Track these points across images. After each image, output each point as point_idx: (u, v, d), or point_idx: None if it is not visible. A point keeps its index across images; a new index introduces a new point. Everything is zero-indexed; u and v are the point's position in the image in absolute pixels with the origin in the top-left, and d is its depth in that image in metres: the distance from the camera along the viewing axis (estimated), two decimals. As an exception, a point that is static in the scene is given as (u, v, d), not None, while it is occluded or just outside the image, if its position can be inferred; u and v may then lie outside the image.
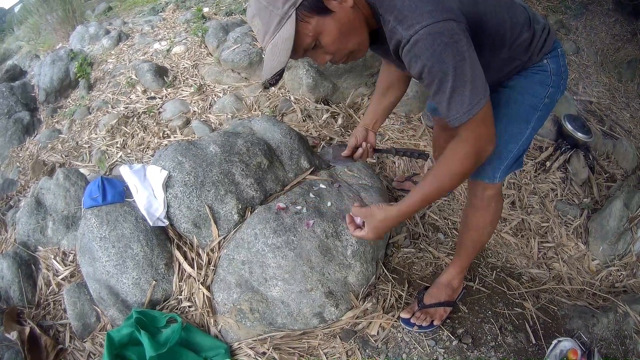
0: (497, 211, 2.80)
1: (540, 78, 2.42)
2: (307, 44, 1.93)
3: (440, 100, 1.94)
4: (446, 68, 1.82)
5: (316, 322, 2.98)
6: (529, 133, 2.49)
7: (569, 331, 3.06)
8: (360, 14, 1.97)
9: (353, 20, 1.94)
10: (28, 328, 3.00)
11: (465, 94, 1.88)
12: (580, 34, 7.57)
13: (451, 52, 1.80)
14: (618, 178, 4.69)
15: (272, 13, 1.83)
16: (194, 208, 3.20)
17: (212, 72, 5.54)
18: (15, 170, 5.21)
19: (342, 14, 1.89)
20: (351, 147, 2.82)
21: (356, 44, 2.03)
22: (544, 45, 2.34)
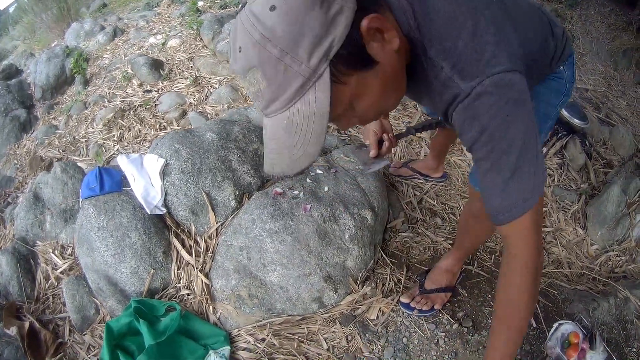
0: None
1: (556, 85, 2.12)
2: (336, 115, 1.36)
3: (493, 182, 1.49)
4: (512, 136, 1.40)
5: (315, 307, 2.98)
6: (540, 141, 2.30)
7: (569, 315, 3.06)
8: (402, 57, 1.43)
9: (398, 69, 1.43)
10: (27, 323, 3.00)
11: (530, 177, 1.44)
12: (575, 22, 7.59)
13: (521, 114, 1.40)
14: (615, 164, 4.69)
15: (289, 68, 1.18)
16: (191, 195, 3.20)
17: (207, 63, 5.57)
18: (13, 167, 5.23)
19: (386, 63, 1.34)
20: (374, 144, 2.34)
21: (396, 100, 1.56)
22: (563, 53, 2.02)
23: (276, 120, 1.29)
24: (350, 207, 3.19)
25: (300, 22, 1.15)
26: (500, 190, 1.46)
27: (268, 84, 1.21)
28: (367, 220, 3.20)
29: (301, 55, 1.16)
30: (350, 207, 3.19)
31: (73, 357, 2.95)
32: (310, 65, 1.18)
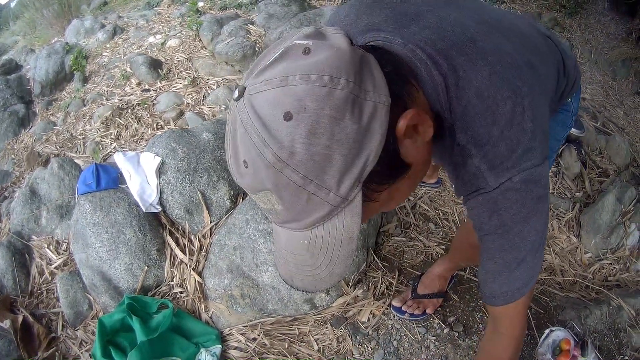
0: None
1: (563, 118, 2.01)
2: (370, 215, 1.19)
3: (497, 270, 1.43)
4: (527, 234, 1.31)
5: (307, 308, 2.99)
6: None
7: (561, 322, 3.07)
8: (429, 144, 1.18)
9: (428, 158, 1.22)
10: (21, 317, 3.01)
11: (532, 264, 1.38)
12: (574, 31, 7.59)
13: (540, 210, 1.30)
14: (611, 173, 4.70)
15: (312, 197, 0.95)
16: (187, 194, 3.22)
17: (206, 64, 5.56)
18: (10, 162, 5.23)
19: (419, 161, 1.13)
20: None
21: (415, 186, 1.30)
22: (573, 87, 1.88)
23: (294, 235, 1.06)
24: (344, 210, 3.18)
25: (327, 139, 0.90)
26: (503, 278, 1.41)
27: (286, 208, 0.98)
28: (360, 223, 3.19)
29: (329, 183, 0.93)
30: (344, 210, 3.18)
31: (65, 351, 2.96)
32: (340, 194, 0.95)
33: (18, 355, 2.84)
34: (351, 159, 0.92)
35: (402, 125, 0.99)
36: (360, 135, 0.91)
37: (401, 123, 0.99)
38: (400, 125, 0.99)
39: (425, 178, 3.99)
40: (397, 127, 0.99)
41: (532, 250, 1.32)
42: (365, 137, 0.92)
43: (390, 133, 0.97)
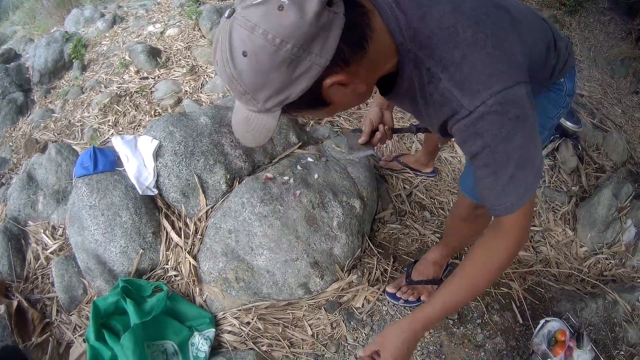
0: (485, 223, 2.66)
1: (555, 97, 2.17)
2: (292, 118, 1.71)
3: (491, 186, 1.63)
4: (511, 150, 1.51)
5: (301, 292, 3.01)
6: None
7: (556, 313, 3.08)
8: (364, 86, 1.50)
9: (353, 100, 1.58)
10: (16, 302, 3.01)
11: (524, 180, 1.57)
12: (574, 30, 7.61)
13: (521, 128, 1.49)
14: (607, 169, 4.71)
15: (249, 101, 1.41)
16: (183, 177, 3.22)
17: (204, 53, 5.59)
18: (8, 149, 5.26)
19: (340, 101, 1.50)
20: (367, 132, 2.48)
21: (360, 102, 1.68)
22: (565, 65, 2.06)
23: (241, 107, 1.49)
24: (340, 195, 3.23)
25: (264, 76, 1.30)
26: (497, 193, 1.61)
27: (234, 95, 1.43)
28: (355, 209, 3.24)
29: (258, 99, 1.37)
30: (340, 195, 3.23)
31: (59, 336, 2.96)
32: (265, 107, 1.39)
33: (12, 340, 2.83)
34: (276, 93, 1.34)
35: (327, 82, 1.35)
36: (288, 82, 1.31)
37: (327, 80, 1.35)
38: (326, 82, 1.35)
39: (422, 167, 4.03)
40: (324, 81, 1.35)
41: (519, 167, 1.52)
42: (292, 84, 1.31)
43: (319, 83, 1.34)
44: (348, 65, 1.36)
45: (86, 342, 2.70)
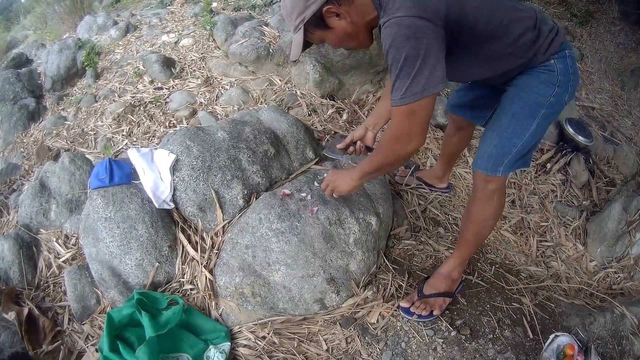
0: (500, 205, 2.86)
1: (546, 77, 2.51)
2: (316, 42, 2.55)
3: (391, 79, 2.23)
4: (399, 56, 2.10)
5: (317, 308, 3.02)
6: (533, 130, 2.57)
7: (566, 328, 3.09)
8: (359, 23, 2.39)
9: (350, 31, 2.40)
10: (26, 309, 3.03)
11: (405, 83, 2.14)
12: (585, 41, 7.59)
13: (408, 45, 2.08)
14: (618, 183, 4.72)
15: (290, 20, 2.40)
16: (200, 192, 3.24)
17: (219, 64, 5.57)
18: (20, 155, 5.26)
19: (340, 28, 2.38)
20: (346, 142, 3.18)
21: (355, 44, 2.52)
22: (551, 45, 2.46)
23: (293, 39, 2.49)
24: (356, 212, 3.24)
25: (293, 5, 2.32)
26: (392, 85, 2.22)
27: (287, 24, 2.54)
28: (372, 225, 3.25)
29: (293, 17, 2.36)
30: (356, 212, 3.24)
31: (71, 345, 2.97)
32: (295, 23, 2.37)
33: (22, 347, 2.84)
34: (299, 14, 2.32)
35: (325, 9, 2.27)
36: (304, 7, 2.28)
37: (325, 8, 2.27)
38: (325, 8, 2.27)
39: (436, 182, 4.08)
40: (324, 8, 2.27)
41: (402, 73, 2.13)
42: (307, 8, 2.28)
43: (321, 10, 2.28)
44: (340, 5, 2.28)
45: (99, 352, 2.70)
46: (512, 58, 2.50)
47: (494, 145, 2.66)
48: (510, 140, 2.61)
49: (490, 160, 2.68)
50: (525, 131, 2.59)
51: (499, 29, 2.37)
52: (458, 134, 3.61)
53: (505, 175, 2.72)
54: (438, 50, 2.14)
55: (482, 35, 2.36)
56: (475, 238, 3.00)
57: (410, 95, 2.14)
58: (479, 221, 2.90)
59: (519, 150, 2.63)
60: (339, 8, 2.28)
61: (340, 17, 2.32)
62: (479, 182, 2.81)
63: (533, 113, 2.56)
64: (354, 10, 2.32)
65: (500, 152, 2.65)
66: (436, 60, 2.12)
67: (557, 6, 8.23)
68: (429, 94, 2.14)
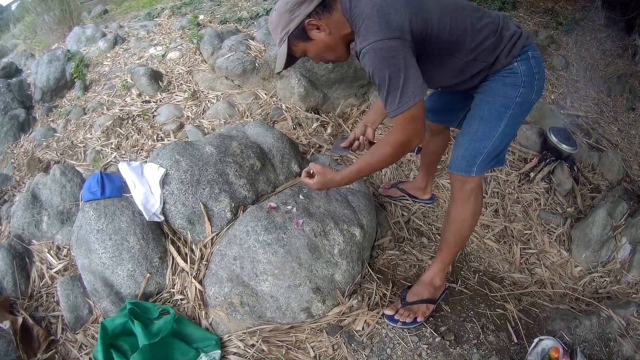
0: (477, 205, 2.97)
1: (511, 80, 2.70)
2: (298, 55, 2.69)
3: (381, 97, 2.44)
4: (383, 76, 2.32)
5: (304, 316, 3.06)
6: (501, 130, 2.73)
7: (551, 332, 3.14)
8: (336, 36, 2.57)
9: (329, 43, 2.58)
10: (21, 318, 3.05)
11: (396, 96, 2.35)
12: (570, 49, 7.63)
13: (387, 64, 2.30)
14: (603, 189, 4.76)
15: (275, 33, 2.59)
16: (189, 205, 3.29)
17: (206, 78, 5.63)
18: (10, 166, 5.28)
19: (320, 40, 2.56)
20: (350, 139, 3.26)
21: (334, 57, 2.69)
22: (512, 50, 2.66)
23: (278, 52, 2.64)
24: (340, 224, 3.30)
25: (279, 19, 2.50)
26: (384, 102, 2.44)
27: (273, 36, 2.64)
28: (356, 236, 3.31)
29: (278, 30, 2.54)
30: (340, 224, 3.30)
31: (65, 354, 3.01)
32: (280, 35, 2.54)
33: (17, 356, 2.88)
34: (284, 27, 2.50)
35: (306, 22, 2.45)
36: (289, 22, 2.47)
37: (305, 22, 2.46)
38: (306, 22, 2.45)
39: (419, 193, 4.17)
40: (306, 21, 2.45)
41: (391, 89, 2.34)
42: (290, 22, 2.47)
43: (303, 23, 2.46)
44: (320, 19, 2.46)
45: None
46: (475, 63, 2.68)
47: (465, 147, 2.81)
48: (480, 143, 2.77)
49: (464, 161, 2.82)
50: (494, 132, 2.74)
51: (462, 37, 2.57)
52: (434, 140, 3.70)
53: (479, 175, 2.84)
54: (413, 60, 2.37)
55: (447, 44, 2.57)
56: (455, 239, 3.06)
57: (405, 103, 2.35)
58: (458, 221, 2.98)
59: (490, 151, 2.78)
60: (319, 21, 2.48)
61: (320, 29, 2.52)
62: (456, 183, 2.96)
63: (500, 115, 2.73)
64: (332, 24, 2.51)
65: (472, 153, 2.80)
66: (415, 69, 2.36)
67: (543, 15, 8.30)
68: (419, 99, 2.37)
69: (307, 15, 2.47)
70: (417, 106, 2.38)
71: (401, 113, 2.39)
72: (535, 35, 7.45)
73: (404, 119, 2.42)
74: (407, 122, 2.44)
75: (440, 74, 2.78)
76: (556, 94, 6.34)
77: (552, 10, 8.42)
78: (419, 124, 2.47)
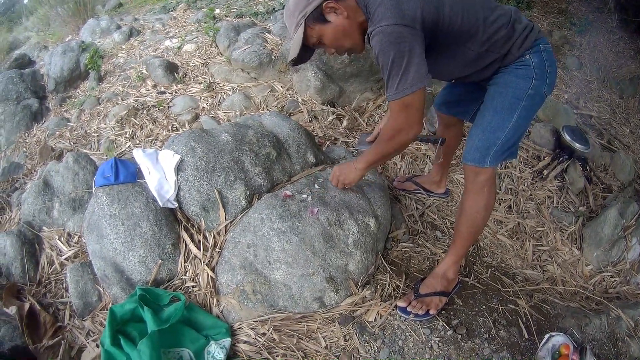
0: (490, 196, 2.97)
1: (523, 72, 2.74)
2: (313, 42, 2.69)
3: (384, 79, 2.53)
4: (387, 59, 2.41)
5: (316, 306, 3.06)
6: (514, 122, 2.77)
7: (561, 329, 3.13)
8: (353, 22, 2.61)
9: (346, 27, 2.61)
10: (28, 304, 3.06)
11: (395, 81, 2.45)
12: (584, 49, 7.61)
13: (393, 49, 2.38)
14: (614, 189, 4.75)
15: (292, 19, 2.63)
16: (204, 192, 3.29)
17: (222, 70, 5.65)
18: (22, 155, 5.29)
19: (337, 23, 2.59)
20: (374, 134, 3.42)
21: (351, 44, 2.71)
22: (525, 42, 2.70)
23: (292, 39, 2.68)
24: (355, 214, 3.29)
25: (296, 4, 2.56)
26: (385, 84, 2.55)
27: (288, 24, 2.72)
28: (370, 227, 3.30)
29: (295, 15, 2.58)
30: (355, 214, 3.29)
31: (72, 341, 3.00)
32: (297, 19, 2.58)
33: (22, 341, 2.88)
34: (301, 10, 2.55)
35: (323, 5, 2.52)
36: (307, 4, 2.52)
37: (323, 4, 2.51)
38: (323, 5, 2.52)
39: (434, 187, 4.17)
40: (324, 4, 2.51)
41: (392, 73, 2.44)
42: (308, 5, 2.52)
43: (321, 6, 2.51)
44: (337, 1, 2.52)
45: (101, 346, 2.74)
46: (487, 55, 2.73)
47: (479, 138, 2.84)
48: (494, 134, 2.80)
49: (477, 152, 2.84)
50: (507, 123, 2.77)
51: (474, 28, 2.62)
52: (447, 132, 3.71)
53: (493, 166, 2.85)
54: (419, 50, 2.44)
55: (459, 35, 2.62)
56: (468, 231, 3.07)
57: (402, 90, 2.46)
58: (472, 213, 2.99)
59: (503, 142, 2.80)
60: (337, 4, 2.53)
61: (338, 12, 2.57)
62: (470, 174, 2.97)
63: (513, 106, 2.76)
64: (349, 8, 2.57)
65: (485, 144, 2.82)
66: (419, 59, 2.43)
67: (557, 15, 8.28)
68: (417, 88, 2.46)
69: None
70: (414, 95, 2.48)
71: (397, 99, 2.51)
72: (549, 35, 7.49)
73: (398, 105, 2.55)
74: (402, 109, 2.56)
75: (453, 64, 2.83)
76: (570, 94, 6.35)
77: (566, 11, 8.41)
78: (412, 113, 2.58)
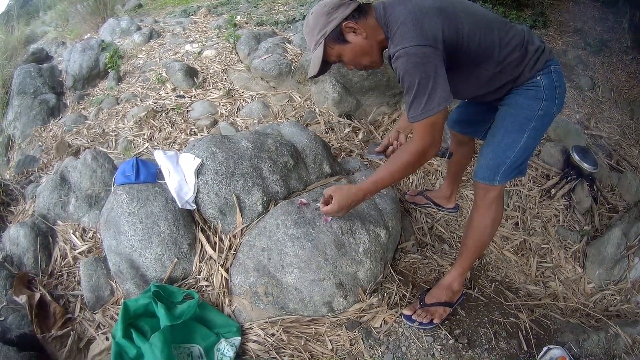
0: (498, 213, 3.05)
1: (533, 93, 2.79)
2: (332, 60, 2.74)
3: (406, 101, 2.53)
4: (413, 80, 2.40)
5: (325, 310, 3.14)
6: (524, 142, 2.83)
7: (560, 343, 3.18)
8: (372, 41, 2.65)
9: (365, 47, 2.65)
10: (38, 294, 3.11)
11: (422, 102, 2.43)
12: (597, 70, 7.62)
13: (419, 70, 2.38)
14: (620, 209, 4.79)
15: (312, 36, 2.66)
16: (222, 196, 3.37)
17: (241, 78, 5.72)
18: (38, 149, 5.37)
19: (356, 43, 2.63)
20: (383, 145, 3.35)
21: (369, 62, 2.75)
22: (536, 64, 2.75)
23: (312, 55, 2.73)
24: (367, 224, 3.36)
25: (316, 22, 2.60)
26: (408, 106, 2.51)
27: (308, 40, 2.72)
28: (381, 237, 3.38)
29: (315, 33, 2.61)
30: (367, 224, 3.36)
31: (81, 332, 3.06)
32: (317, 38, 2.62)
33: (30, 330, 2.94)
34: (321, 29, 2.59)
35: (342, 26, 2.57)
36: (326, 24, 2.57)
37: (343, 24, 2.56)
38: (342, 25, 2.57)
39: (444, 202, 4.25)
40: (343, 24, 2.56)
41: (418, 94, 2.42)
42: (327, 25, 2.57)
43: (340, 26, 2.57)
44: (357, 22, 2.57)
45: (112, 338, 2.80)
46: (501, 76, 2.77)
47: (490, 157, 2.91)
48: (504, 153, 2.86)
49: (487, 170, 2.92)
50: (517, 144, 2.83)
51: (490, 49, 2.66)
52: (460, 150, 3.77)
53: (502, 184, 2.93)
54: (443, 70, 2.46)
55: (475, 54, 2.65)
56: (475, 245, 3.14)
57: (429, 110, 2.43)
58: (479, 228, 3.06)
59: (512, 161, 2.87)
60: (356, 24, 2.58)
61: (357, 32, 2.61)
62: (480, 191, 3.04)
63: (523, 127, 2.81)
64: (368, 28, 2.62)
65: (496, 163, 2.89)
66: (443, 78, 2.44)
67: (572, 35, 8.31)
68: (443, 107, 2.45)
69: (345, 18, 2.57)
70: (439, 114, 2.46)
71: (423, 119, 2.47)
72: (563, 54, 7.51)
73: (425, 125, 2.50)
74: (429, 128, 2.51)
75: (468, 84, 2.86)
76: (581, 114, 6.36)
77: (581, 30, 8.43)
78: (437, 133, 2.55)
